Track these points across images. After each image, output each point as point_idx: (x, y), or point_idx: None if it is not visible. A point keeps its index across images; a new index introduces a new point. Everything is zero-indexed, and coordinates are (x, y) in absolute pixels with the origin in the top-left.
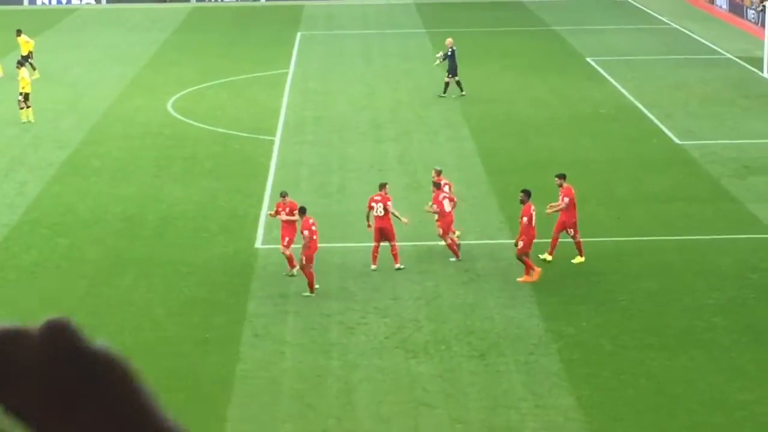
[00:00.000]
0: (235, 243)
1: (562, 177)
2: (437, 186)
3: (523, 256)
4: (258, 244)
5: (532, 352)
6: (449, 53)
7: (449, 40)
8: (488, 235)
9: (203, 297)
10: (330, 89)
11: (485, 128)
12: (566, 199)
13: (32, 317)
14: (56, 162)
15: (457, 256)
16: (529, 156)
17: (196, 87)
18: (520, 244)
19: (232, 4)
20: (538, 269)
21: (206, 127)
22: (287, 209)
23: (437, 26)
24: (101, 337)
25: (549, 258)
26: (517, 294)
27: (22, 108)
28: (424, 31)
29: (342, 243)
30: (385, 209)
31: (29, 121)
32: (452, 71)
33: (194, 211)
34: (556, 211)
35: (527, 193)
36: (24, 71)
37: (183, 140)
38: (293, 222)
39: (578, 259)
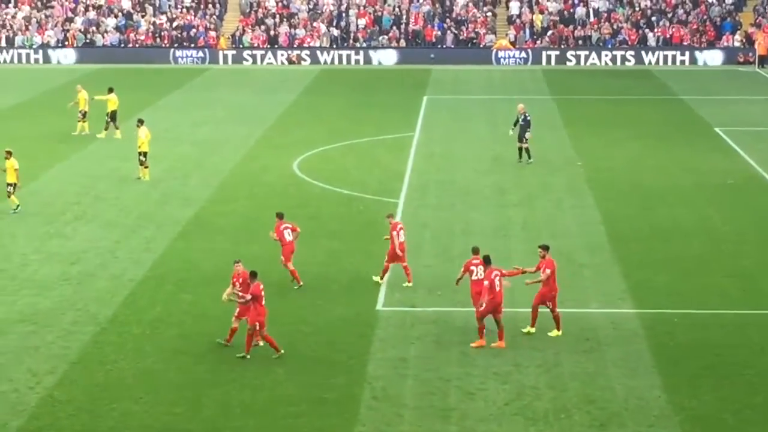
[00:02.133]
0: (356, 304)
1: (546, 248)
2: (280, 217)
3: (482, 319)
4: (379, 307)
5: (653, 424)
6: (521, 119)
7: (521, 106)
8: (610, 303)
9: (323, 357)
10: (455, 153)
11: (609, 196)
12: (548, 271)
13: (153, 372)
14: (183, 219)
15: (299, 282)
16: (652, 224)
17: (321, 148)
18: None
19: (360, 67)
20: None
21: (331, 188)
22: (240, 280)
23: (563, 93)
24: (220, 394)
25: (532, 330)
26: (639, 364)
27: (144, 165)
28: (551, 97)
29: (463, 308)
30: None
31: (142, 179)
32: (521, 137)
33: (317, 271)
34: (537, 282)
35: (546, 248)
36: (141, 130)
37: (307, 200)
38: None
39: (555, 333)
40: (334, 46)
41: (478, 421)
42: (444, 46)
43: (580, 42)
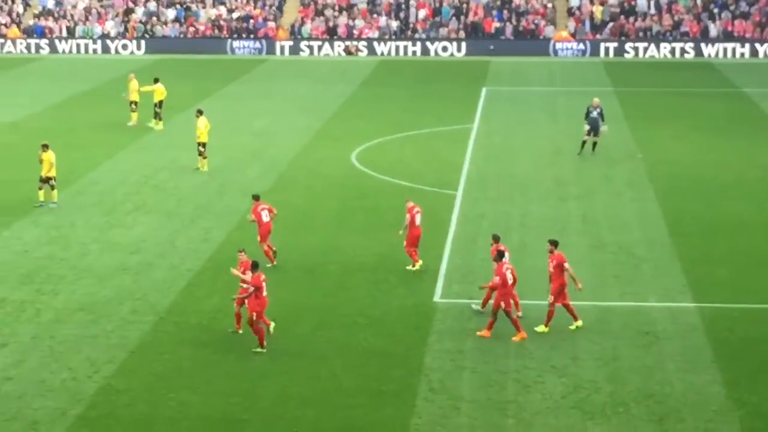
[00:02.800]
0: (414, 296)
1: (553, 243)
2: (257, 198)
3: (498, 313)
4: (437, 298)
5: (712, 420)
6: (595, 112)
7: (596, 100)
8: (670, 297)
9: (380, 349)
10: (514, 145)
11: (670, 190)
12: (553, 263)
13: (210, 362)
14: (241, 210)
15: (272, 262)
16: (714, 219)
17: (380, 139)
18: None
19: (419, 58)
20: (488, 332)
21: (389, 179)
22: (242, 268)
23: (624, 85)
24: (277, 385)
25: (579, 324)
26: (698, 359)
27: (203, 156)
28: (612, 89)
29: (521, 300)
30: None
31: (201, 169)
32: (593, 131)
33: (374, 262)
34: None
35: (554, 243)
36: (200, 121)
37: (366, 192)
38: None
39: (541, 328)
40: (393, 38)
41: (534, 414)
42: (503, 38)
43: (640, 34)
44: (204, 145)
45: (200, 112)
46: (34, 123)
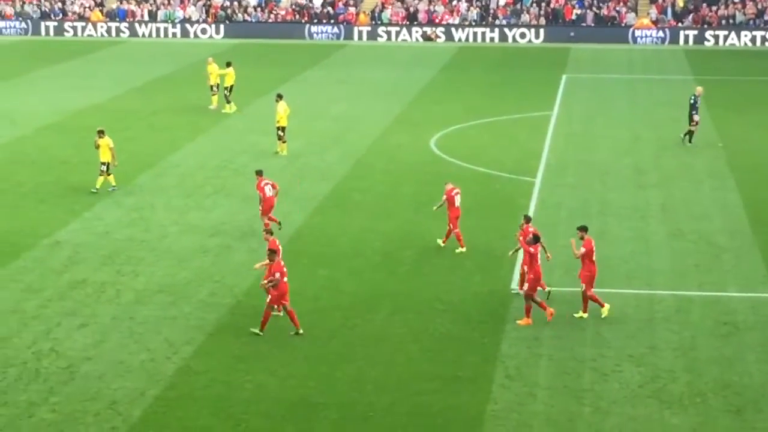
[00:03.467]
0: (490, 283)
1: (583, 230)
2: (260, 174)
3: (530, 298)
4: (513, 285)
5: None
6: (697, 101)
7: (699, 89)
8: (750, 287)
9: (457, 335)
10: (593, 133)
11: (751, 179)
12: (583, 250)
13: (288, 346)
14: (319, 194)
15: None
16: None
17: (459, 126)
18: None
19: (499, 45)
20: (551, 310)
21: (467, 165)
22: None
23: (705, 74)
24: (354, 369)
25: (605, 312)
26: None
27: (283, 140)
28: (693, 77)
29: (599, 288)
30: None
31: (280, 153)
32: (691, 119)
33: (452, 248)
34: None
35: (584, 229)
36: (280, 105)
37: (443, 178)
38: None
39: (580, 314)
40: (471, 24)
41: (611, 402)
42: (584, 25)
43: (723, 22)
44: (283, 129)
45: (280, 97)
46: (117, 105)
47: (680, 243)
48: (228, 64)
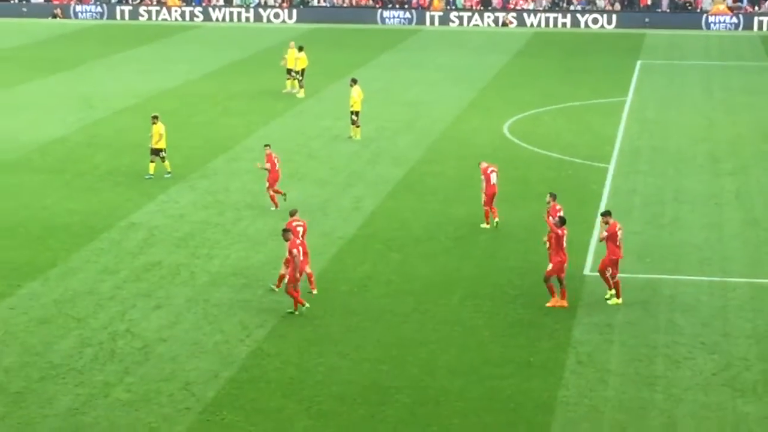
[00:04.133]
0: None
1: (607, 214)
2: (268, 146)
3: (550, 279)
4: (586, 272)
5: None
6: None
7: None
8: None
9: (529, 320)
10: (667, 119)
11: None
12: (605, 234)
13: (360, 329)
14: (393, 179)
15: (276, 206)
16: None
17: (533, 111)
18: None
19: (573, 30)
20: (557, 299)
21: (541, 151)
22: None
23: None
24: (426, 353)
25: (614, 298)
26: None
27: (356, 125)
28: None
29: (672, 275)
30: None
31: (353, 138)
32: None
33: (524, 234)
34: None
35: (608, 214)
36: (354, 90)
37: (517, 163)
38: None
39: (614, 301)
40: (543, 9)
41: (684, 390)
42: (659, 11)
43: None
44: (357, 113)
45: (354, 81)
46: (192, 90)
47: (755, 231)
48: (300, 49)
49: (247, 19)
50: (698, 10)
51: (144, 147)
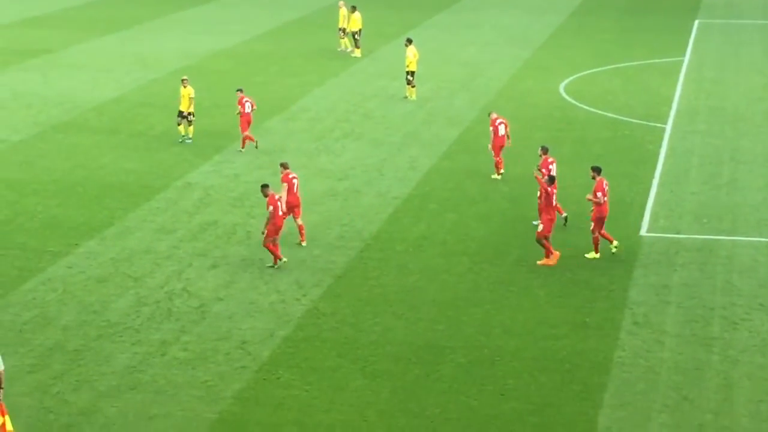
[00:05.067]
0: (619, 229)
1: (596, 170)
2: (240, 91)
3: (543, 239)
4: (643, 232)
5: None
6: None
7: None
8: None
9: (585, 281)
10: (725, 79)
11: None
12: (599, 194)
13: (415, 289)
14: (448, 139)
15: (243, 146)
16: None
17: (588, 71)
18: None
19: None
20: (556, 253)
21: (597, 111)
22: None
23: None
24: (481, 313)
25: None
26: None
27: (412, 85)
28: None
29: (729, 236)
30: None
31: (409, 98)
32: None
33: (580, 194)
34: (595, 203)
35: (597, 170)
36: (410, 50)
37: (573, 123)
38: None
39: (591, 255)
40: None
41: (740, 351)
42: None
43: None
44: (412, 74)
45: (409, 41)
46: (248, 49)
47: None
48: (354, 9)
49: None
50: None
51: (200, 107)
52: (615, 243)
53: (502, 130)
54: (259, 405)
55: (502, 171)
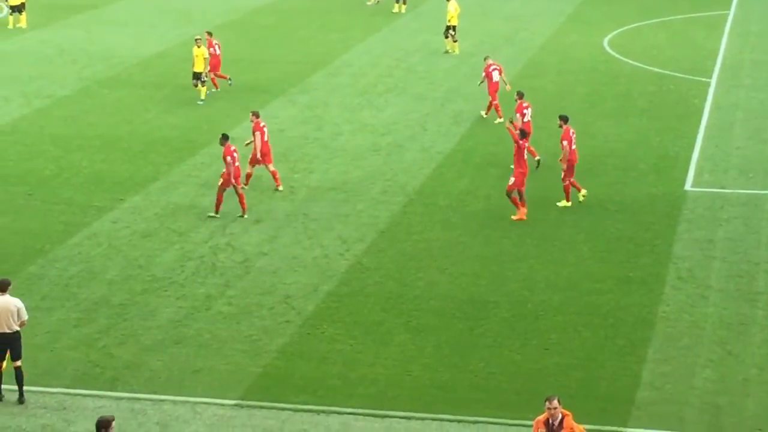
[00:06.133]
0: (664, 184)
1: (563, 119)
2: (210, 34)
3: (512, 192)
4: (687, 187)
5: None
6: None
7: None
8: None
9: (629, 236)
10: None
11: None
12: (564, 143)
13: (459, 244)
14: None
15: (216, 87)
16: None
17: (633, 25)
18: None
19: None
20: (524, 209)
21: (641, 65)
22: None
23: None
24: (525, 268)
25: (568, 204)
26: None
27: (447, 39)
28: None
29: (765, 191)
30: None
31: (451, 53)
32: None
33: (625, 149)
34: (566, 156)
35: (565, 119)
36: (451, 4)
37: (617, 78)
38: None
39: (563, 203)
40: None
41: None
42: None
43: None
44: (454, 28)
45: None
46: (291, 5)
47: None
48: None
49: None
50: None
51: (244, 62)
52: (583, 192)
53: (496, 76)
54: (303, 359)
55: (501, 119)
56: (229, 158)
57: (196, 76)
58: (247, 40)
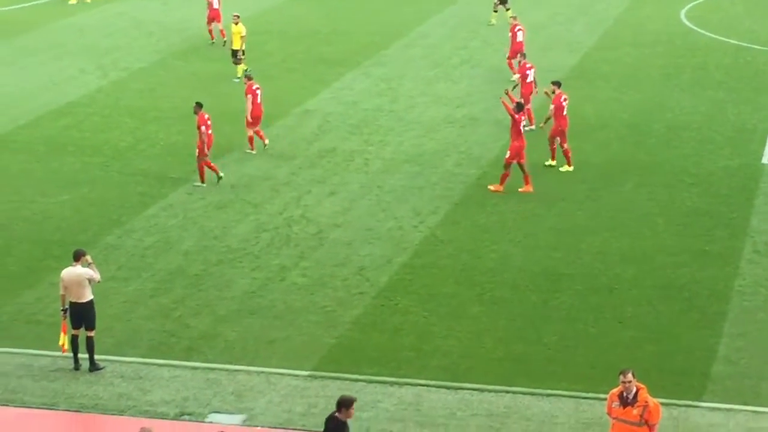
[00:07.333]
0: (740, 156)
1: (556, 84)
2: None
3: (509, 165)
4: (764, 160)
5: None
6: None
7: None
8: None
9: (705, 209)
10: None
11: None
12: (551, 107)
13: (533, 216)
14: (566, 66)
15: (212, 39)
16: None
17: None
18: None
19: None
20: (499, 188)
21: (718, 37)
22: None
23: None
24: (599, 241)
25: (552, 163)
26: None
27: (495, 11)
28: None
29: None
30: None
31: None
32: None
33: (701, 121)
34: (548, 119)
35: (557, 84)
36: None
37: (694, 50)
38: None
39: (566, 168)
40: None
41: None
42: None
43: None
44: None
45: None
46: None
47: None
48: None
49: None
50: None
51: (319, 34)
52: (554, 162)
53: (520, 36)
54: (377, 330)
55: (516, 75)
56: (203, 127)
57: (234, 53)
58: (321, 12)
